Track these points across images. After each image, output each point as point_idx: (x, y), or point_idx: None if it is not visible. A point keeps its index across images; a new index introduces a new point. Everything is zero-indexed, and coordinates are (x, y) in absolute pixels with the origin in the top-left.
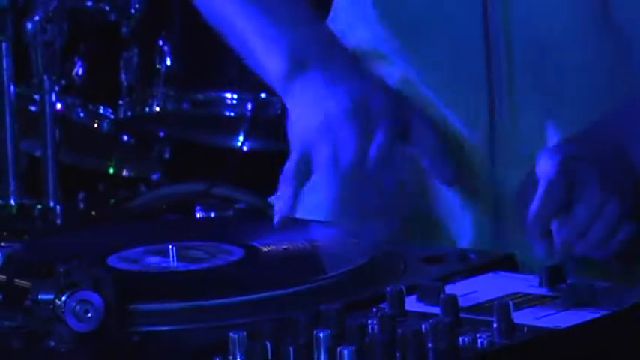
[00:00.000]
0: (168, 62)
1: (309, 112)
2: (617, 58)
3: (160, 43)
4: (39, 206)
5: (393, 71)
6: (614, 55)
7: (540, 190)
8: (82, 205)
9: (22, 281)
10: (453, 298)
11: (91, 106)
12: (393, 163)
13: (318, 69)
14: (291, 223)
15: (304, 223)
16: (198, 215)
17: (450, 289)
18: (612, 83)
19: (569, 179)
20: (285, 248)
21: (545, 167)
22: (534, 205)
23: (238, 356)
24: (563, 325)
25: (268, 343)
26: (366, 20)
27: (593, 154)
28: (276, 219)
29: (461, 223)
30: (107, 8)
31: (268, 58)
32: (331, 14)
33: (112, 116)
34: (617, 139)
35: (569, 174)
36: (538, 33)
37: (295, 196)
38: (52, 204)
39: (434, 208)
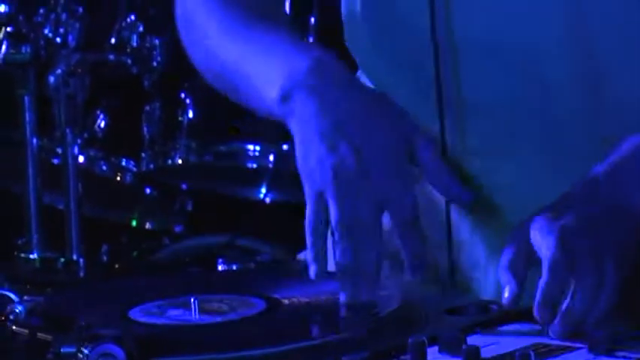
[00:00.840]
0: (191, 115)
1: (311, 140)
2: (609, 122)
3: (182, 95)
4: (62, 259)
5: None
6: (605, 122)
7: (545, 273)
8: (105, 258)
9: (44, 335)
10: (475, 350)
11: (113, 159)
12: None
13: (311, 84)
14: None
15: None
16: (220, 268)
17: (471, 340)
18: (604, 144)
19: (570, 258)
20: (307, 301)
21: (545, 243)
22: (542, 290)
23: None
24: None
25: None
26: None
27: (587, 221)
28: (311, 274)
29: (484, 274)
30: (129, 61)
31: (264, 88)
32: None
33: (135, 169)
34: (613, 196)
35: (570, 253)
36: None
37: (321, 250)
38: (75, 257)
39: (457, 259)
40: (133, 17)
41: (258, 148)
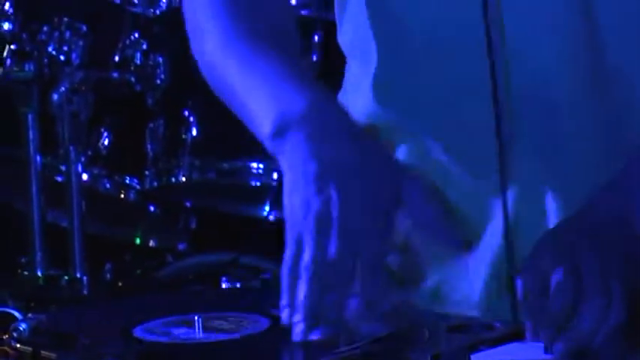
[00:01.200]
0: (194, 132)
1: (293, 184)
2: (616, 125)
3: (186, 113)
4: (66, 277)
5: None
6: (612, 123)
7: (551, 296)
8: (108, 276)
9: (47, 352)
10: None
11: (117, 177)
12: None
13: (304, 128)
14: None
15: None
16: (224, 286)
17: (476, 358)
18: (609, 150)
19: (576, 280)
20: None
21: (552, 264)
22: (546, 310)
23: None
24: None
25: None
26: (366, 96)
27: (595, 239)
28: (284, 318)
29: (471, 289)
30: (133, 79)
31: (258, 120)
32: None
33: (138, 186)
34: (620, 211)
35: (576, 272)
36: (539, 96)
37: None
38: (78, 275)
39: (446, 273)
40: (136, 35)
41: (261, 165)
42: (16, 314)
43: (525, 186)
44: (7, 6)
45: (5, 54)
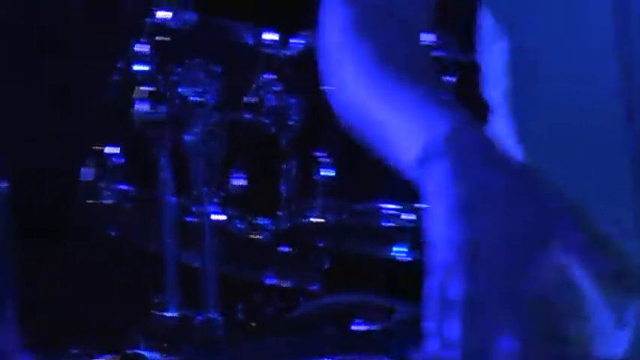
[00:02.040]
0: (327, 173)
1: (435, 213)
2: None
3: (319, 154)
4: (199, 317)
5: None
6: None
7: None
8: (240, 316)
9: None
10: None
11: (249, 218)
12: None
13: (447, 154)
14: None
15: None
16: (356, 327)
17: None
18: None
19: None
20: None
21: None
22: None
23: None
24: None
25: None
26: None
27: None
28: (433, 345)
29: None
30: (266, 120)
31: (400, 148)
32: None
33: (271, 227)
34: None
35: None
36: None
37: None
38: (212, 315)
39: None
40: (270, 76)
41: (394, 207)
42: (150, 356)
43: None
44: (140, 47)
45: (138, 96)
